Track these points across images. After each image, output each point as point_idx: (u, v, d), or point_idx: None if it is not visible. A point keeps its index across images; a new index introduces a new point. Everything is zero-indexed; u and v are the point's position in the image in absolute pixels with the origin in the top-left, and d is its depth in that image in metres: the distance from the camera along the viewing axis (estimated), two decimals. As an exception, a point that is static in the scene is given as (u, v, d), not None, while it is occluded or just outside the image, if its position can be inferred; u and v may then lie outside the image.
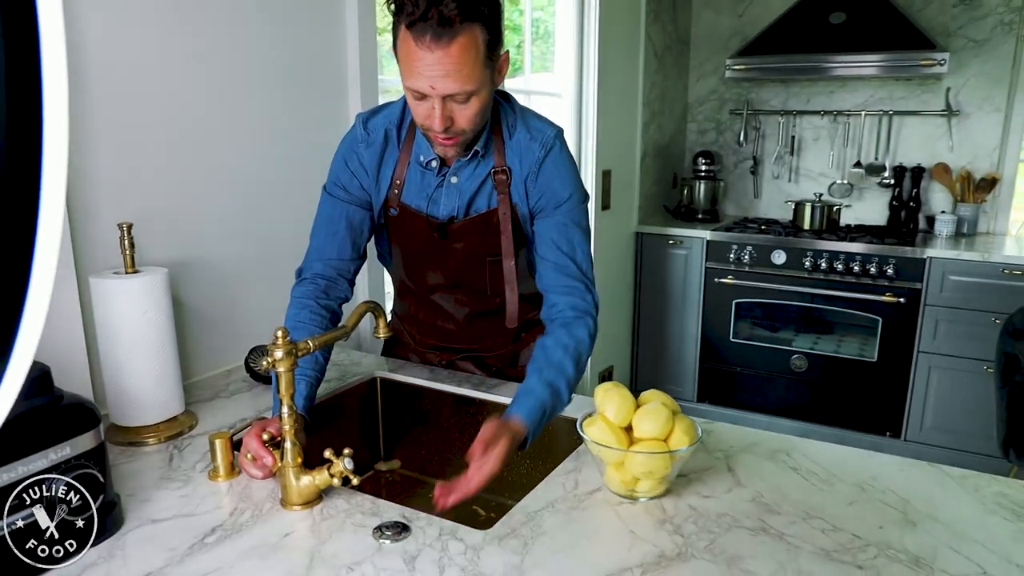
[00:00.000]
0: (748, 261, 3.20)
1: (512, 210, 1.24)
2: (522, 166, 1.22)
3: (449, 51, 1.00)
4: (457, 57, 1.00)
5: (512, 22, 2.80)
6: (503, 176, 1.22)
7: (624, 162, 3.26)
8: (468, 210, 1.25)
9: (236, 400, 1.36)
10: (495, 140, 1.22)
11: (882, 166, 3.40)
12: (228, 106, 1.49)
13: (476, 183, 1.24)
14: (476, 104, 1.08)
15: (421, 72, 1.02)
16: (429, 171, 1.24)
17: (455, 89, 1.04)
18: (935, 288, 2.89)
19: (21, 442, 0.81)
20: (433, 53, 1.00)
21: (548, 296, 1.22)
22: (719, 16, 3.69)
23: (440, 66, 1.01)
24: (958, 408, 2.92)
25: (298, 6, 1.62)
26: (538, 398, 1.09)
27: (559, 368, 1.13)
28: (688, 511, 0.95)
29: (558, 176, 1.22)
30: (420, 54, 1.01)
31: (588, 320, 1.19)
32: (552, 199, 1.22)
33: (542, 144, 1.21)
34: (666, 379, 3.50)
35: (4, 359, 0.31)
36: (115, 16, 1.26)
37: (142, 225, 1.29)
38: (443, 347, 1.47)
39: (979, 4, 3.14)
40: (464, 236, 1.26)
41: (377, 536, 0.89)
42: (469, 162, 1.22)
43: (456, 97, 1.05)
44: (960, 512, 0.95)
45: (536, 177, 1.22)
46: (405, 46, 1.03)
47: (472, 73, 1.03)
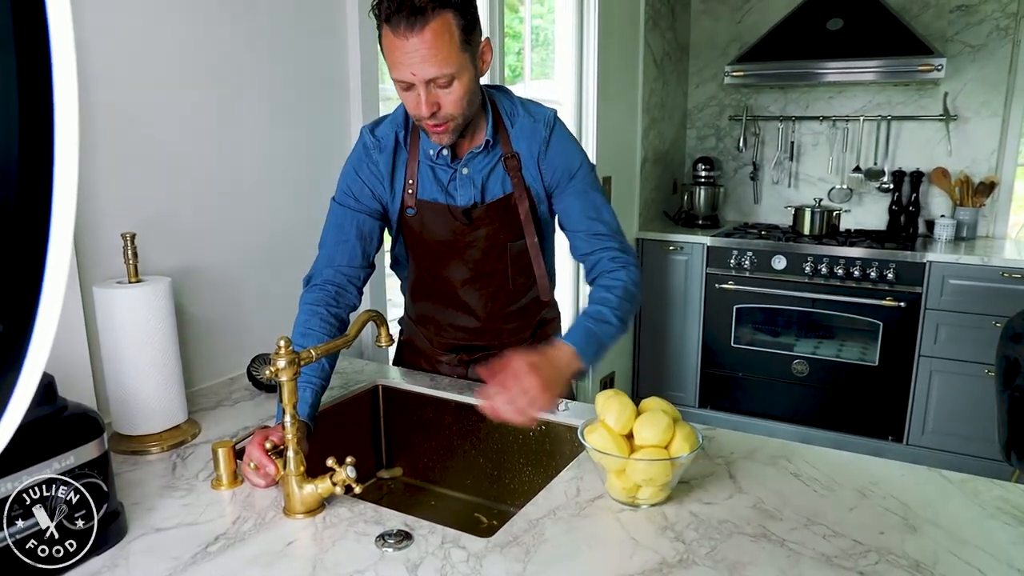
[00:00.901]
0: (749, 266, 3.21)
1: (527, 192, 1.30)
2: (530, 147, 1.28)
3: (423, 37, 1.06)
4: (431, 42, 1.06)
5: (512, 29, 2.82)
6: (514, 161, 1.28)
7: (624, 168, 3.27)
8: (483, 197, 1.30)
9: (239, 408, 1.36)
10: (499, 129, 1.28)
11: (881, 171, 3.41)
12: (231, 116, 1.50)
13: (487, 171, 1.28)
14: (460, 88, 1.12)
15: (401, 61, 1.08)
16: (440, 165, 1.28)
17: (434, 72, 1.08)
18: (935, 292, 2.89)
19: (25, 451, 0.82)
20: (409, 40, 1.06)
21: (587, 260, 1.30)
22: (717, 23, 3.71)
23: (417, 52, 1.07)
24: (959, 412, 2.93)
25: (300, 18, 1.64)
26: (580, 325, 1.17)
27: (601, 301, 1.21)
28: (689, 518, 0.96)
29: (565, 149, 1.30)
30: (398, 43, 1.07)
31: (630, 267, 1.27)
32: (565, 171, 1.29)
33: (545, 123, 1.29)
34: (667, 384, 3.50)
35: (15, 374, 0.32)
36: (118, 28, 1.27)
37: (145, 234, 1.30)
38: (460, 346, 1.47)
39: (975, 10, 3.16)
40: (487, 221, 1.29)
41: (380, 544, 0.89)
42: (479, 152, 1.26)
43: (438, 81, 1.10)
44: (960, 517, 0.95)
45: (546, 154, 1.28)
46: (386, 40, 1.09)
47: (449, 56, 1.08)
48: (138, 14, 1.30)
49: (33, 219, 0.30)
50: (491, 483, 1.39)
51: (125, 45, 1.29)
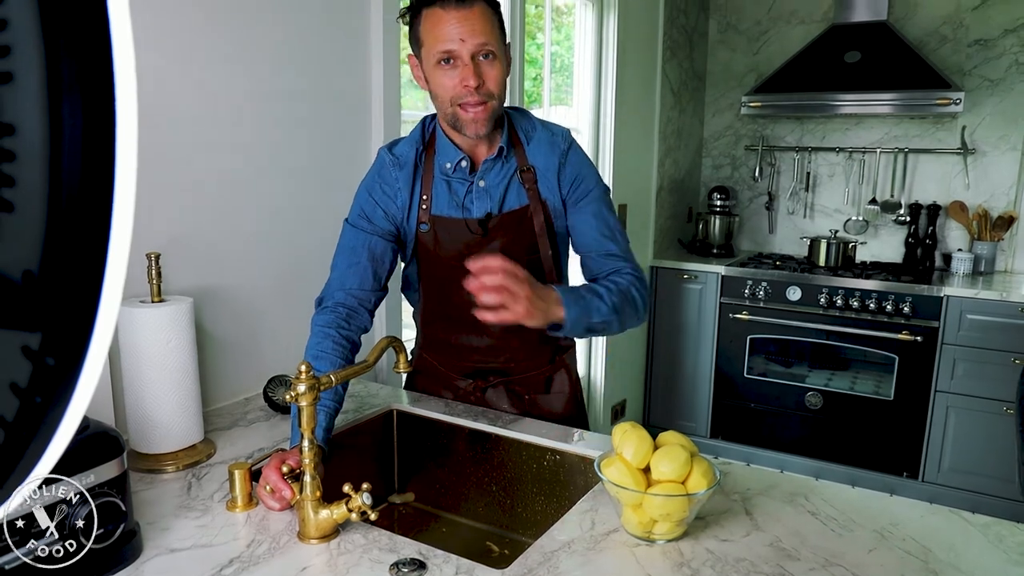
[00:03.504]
0: (763, 296, 3.20)
1: (543, 205, 1.32)
2: (548, 160, 1.31)
3: (473, 11, 1.15)
4: (479, 16, 1.15)
5: (529, 55, 2.85)
6: (529, 174, 1.31)
7: (640, 196, 3.28)
8: (500, 208, 1.31)
9: (254, 429, 1.37)
10: (515, 143, 1.31)
11: (898, 203, 3.40)
12: (254, 138, 1.53)
13: (504, 184, 1.30)
14: (499, 68, 1.20)
15: (449, 33, 1.15)
16: (457, 179, 1.29)
17: (481, 39, 1.16)
18: (952, 327, 2.86)
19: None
20: (460, 12, 1.14)
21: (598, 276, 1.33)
22: (735, 53, 3.74)
23: (467, 22, 1.15)
24: (976, 449, 2.88)
25: (323, 38, 1.66)
26: (572, 288, 1.23)
27: (597, 285, 1.26)
28: (706, 555, 0.94)
29: (584, 164, 1.34)
30: (447, 17, 1.15)
31: (638, 283, 1.30)
32: (583, 184, 1.32)
33: (564, 137, 1.34)
34: (679, 414, 3.48)
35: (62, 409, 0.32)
36: (144, 51, 1.30)
37: (166, 252, 1.31)
38: (475, 371, 1.45)
39: (994, 44, 3.17)
40: (502, 232, 1.30)
41: (394, 572, 0.89)
42: (495, 163, 1.29)
43: (483, 51, 1.17)
44: (983, 562, 0.94)
45: (565, 166, 1.32)
46: (430, 20, 1.16)
47: (492, 34, 1.17)
48: (163, 34, 1.33)
49: (91, 255, 0.31)
50: (503, 512, 1.38)
51: (151, 68, 1.32)
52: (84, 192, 0.30)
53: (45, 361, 0.31)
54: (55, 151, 0.29)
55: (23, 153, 0.29)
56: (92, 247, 0.31)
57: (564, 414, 1.45)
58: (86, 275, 0.31)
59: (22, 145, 0.29)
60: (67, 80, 0.29)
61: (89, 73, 0.30)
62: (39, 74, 0.28)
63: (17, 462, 0.33)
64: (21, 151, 0.29)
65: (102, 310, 0.31)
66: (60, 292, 0.31)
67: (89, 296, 0.31)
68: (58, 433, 0.33)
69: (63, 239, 0.30)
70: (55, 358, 0.32)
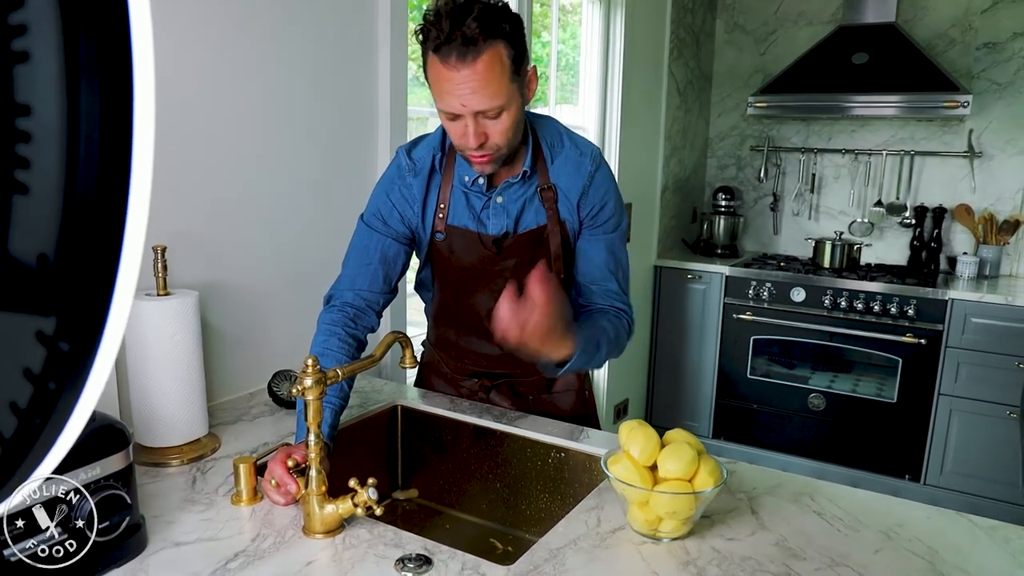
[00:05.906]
0: (767, 297, 3.19)
1: (561, 226, 1.27)
2: (572, 182, 1.25)
3: (475, 69, 1.04)
4: (483, 74, 1.05)
5: (535, 54, 2.85)
6: (550, 193, 1.25)
7: (645, 196, 3.28)
8: (516, 227, 1.28)
9: (258, 424, 1.37)
10: (539, 160, 1.25)
11: (903, 206, 3.39)
12: (262, 134, 1.52)
13: (522, 202, 1.26)
14: (507, 119, 1.11)
15: (451, 92, 1.07)
16: (475, 192, 1.26)
17: (484, 105, 1.07)
18: (957, 330, 2.86)
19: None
20: (460, 72, 1.04)
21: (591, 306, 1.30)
22: (742, 54, 3.73)
23: (468, 84, 1.05)
24: (980, 453, 2.87)
25: (331, 38, 1.66)
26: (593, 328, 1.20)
27: (612, 326, 1.25)
28: (712, 553, 0.94)
29: (609, 190, 1.28)
30: (448, 74, 1.05)
31: (628, 327, 1.29)
32: (604, 212, 1.27)
33: (592, 158, 1.27)
34: (682, 414, 3.47)
35: (75, 395, 0.32)
36: (156, 42, 1.30)
37: (172, 246, 1.31)
38: (481, 373, 1.45)
39: (1002, 48, 3.15)
40: (517, 252, 1.27)
41: (399, 568, 0.89)
42: (516, 182, 1.24)
43: (487, 113, 1.09)
44: (989, 565, 0.93)
45: (589, 189, 1.26)
46: (434, 70, 1.08)
47: (499, 88, 1.07)
48: (173, 33, 1.33)
49: (107, 240, 0.30)
50: (507, 509, 1.38)
51: (159, 64, 1.31)
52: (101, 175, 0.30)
53: (59, 346, 0.31)
54: (72, 133, 0.29)
55: (39, 134, 0.29)
56: (108, 231, 0.30)
57: (571, 413, 1.45)
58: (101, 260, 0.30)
59: (38, 126, 0.29)
60: (85, 61, 0.29)
61: (107, 55, 0.29)
62: (57, 55, 0.28)
63: (30, 449, 0.32)
64: (37, 132, 0.29)
65: (117, 295, 0.31)
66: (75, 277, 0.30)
67: (104, 281, 0.30)
68: (71, 421, 0.33)
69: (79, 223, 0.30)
70: (69, 343, 0.31)
